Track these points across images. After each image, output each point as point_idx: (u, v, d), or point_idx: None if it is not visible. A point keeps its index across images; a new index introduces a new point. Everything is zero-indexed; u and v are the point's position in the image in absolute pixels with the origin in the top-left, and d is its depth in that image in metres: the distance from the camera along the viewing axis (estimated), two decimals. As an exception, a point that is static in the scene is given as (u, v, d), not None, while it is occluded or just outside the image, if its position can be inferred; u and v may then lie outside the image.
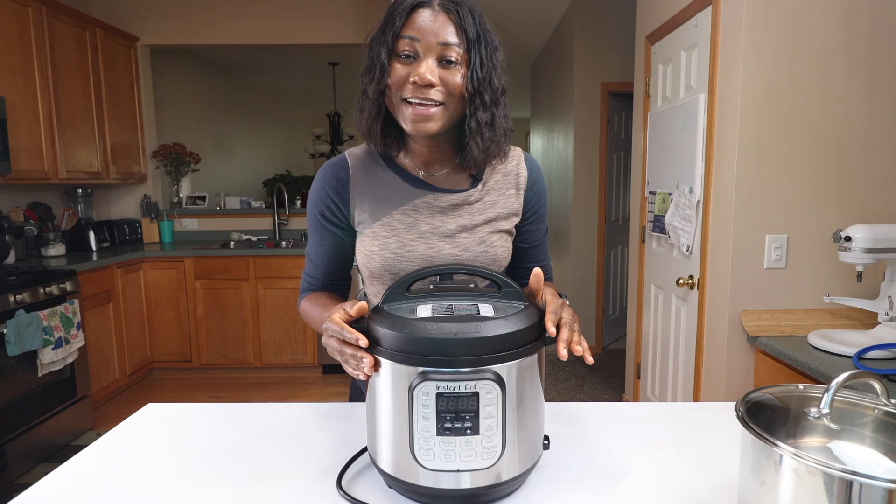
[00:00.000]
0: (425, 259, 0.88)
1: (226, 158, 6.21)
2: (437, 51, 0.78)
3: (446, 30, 0.78)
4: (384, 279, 0.90)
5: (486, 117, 0.82)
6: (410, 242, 0.88)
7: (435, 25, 0.78)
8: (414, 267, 0.87)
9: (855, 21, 1.80)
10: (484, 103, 0.81)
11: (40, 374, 2.50)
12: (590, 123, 3.98)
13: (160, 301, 3.67)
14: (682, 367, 2.34)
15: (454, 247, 0.89)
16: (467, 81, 0.80)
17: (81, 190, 3.72)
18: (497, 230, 0.91)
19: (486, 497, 0.66)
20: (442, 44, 0.78)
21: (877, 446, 0.57)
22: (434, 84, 0.78)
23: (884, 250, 1.56)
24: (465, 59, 0.80)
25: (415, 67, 0.78)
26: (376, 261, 0.88)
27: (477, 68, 0.79)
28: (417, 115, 0.79)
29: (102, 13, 3.93)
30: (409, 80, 0.79)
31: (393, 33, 0.79)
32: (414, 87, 0.78)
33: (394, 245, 0.88)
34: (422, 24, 0.78)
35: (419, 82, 0.78)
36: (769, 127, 1.85)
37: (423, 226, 0.89)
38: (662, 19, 2.45)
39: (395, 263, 0.88)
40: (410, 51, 0.79)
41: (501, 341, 0.62)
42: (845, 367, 1.47)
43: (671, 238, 2.34)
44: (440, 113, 0.80)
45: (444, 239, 0.89)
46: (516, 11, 4.21)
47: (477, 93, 0.80)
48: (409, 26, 0.79)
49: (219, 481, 0.73)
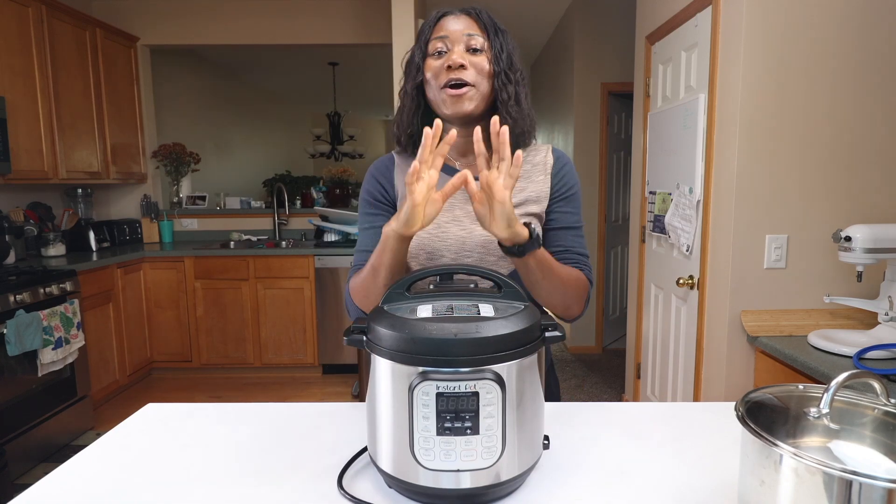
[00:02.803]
0: (457, 240, 0.96)
1: (226, 158, 6.21)
2: (463, 41, 0.92)
3: (469, 25, 0.93)
4: (420, 258, 0.97)
5: (513, 91, 0.93)
6: (445, 224, 0.96)
7: (458, 24, 0.93)
8: (447, 247, 0.96)
9: (855, 21, 1.80)
10: (510, 79, 0.93)
11: (40, 374, 2.50)
12: (590, 123, 3.98)
13: (160, 301, 3.67)
14: (682, 367, 2.34)
15: None
16: (493, 63, 0.93)
17: (81, 190, 3.72)
18: (527, 213, 0.97)
19: (486, 497, 0.66)
20: (467, 35, 0.92)
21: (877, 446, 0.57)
22: (464, 66, 0.90)
23: (884, 250, 1.56)
24: (488, 45, 0.93)
25: (447, 56, 0.92)
26: (413, 241, 0.95)
27: (499, 52, 0.93)
28: (453, 96, 0.91)
29: (102, 13, 3.93)
30: (443, 68, 0.91)
31: (425, 40, 0.95)
32: (448, 72, 0.91)
33: (430, 226, 0.94)
34: (447, 26, 0.94)
35: (452, 65, 0.90)
36: (769, 127, 1.85)
37: (457, 210, 0.97)
38: (662, 19, 2.45)
39: (429, 243, 0.96)
40: (441, 47, 0.93)
41: (501, 341, 0.62)
42: (845, 367, 1.47)
43: (671, 238, 2.34)
44: (473, 92, 0.92)
45: (475, 222, 0.95)
46: (516, 11, 4.21)
47: (503, 71, 0.93)
48: (437, 30, 0.94)
49: (219, 481, 0.73)
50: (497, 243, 0.86)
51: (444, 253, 0.95)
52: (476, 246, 0.95)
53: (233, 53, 5.58)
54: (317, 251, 3.61)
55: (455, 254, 0.95)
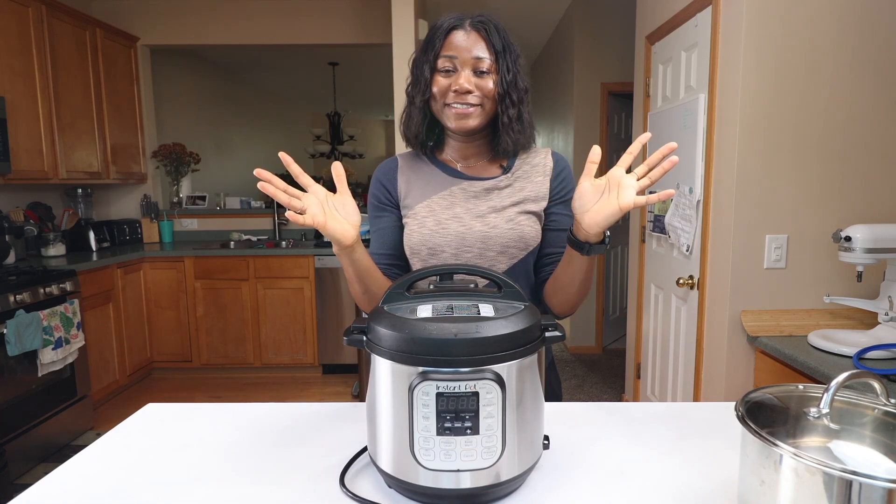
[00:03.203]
0: (457, 235, 0.99)
1: (226, 158, 6.21)
2: (471, 64, 0.95)
3: (478, 46, 0.95)
4: (422, 254, 1.01)
5: (515, 113, 0.98)
6: (445, 221, 1.01)
7: (468, 43, 0.95)
8: (447, 242, 0.99)
9: (855, 21, 1.80)
10: (512, 102, 0.97)
11: (40, 374, 2.50)
12: (590, 123, 3.98)
13: (160, 301, 3.67)
14: (682, 367, 2.34)
15: (484, 224, 1.00)
16: (498, 85, 0.96)
17: (81, 190, 3.72)
18: (525, 211, 1.01)
19: (485, 497, 0.66)
20: (475, 58, 0.95)
21: (877, 446, 0.57)
22: (471, 91, 0.95)
23: (884, 250, 1.56)
24: (495, 67, 0.96)
25: (454, 79, 0.95)
26: (415, 237, 1.01)
27: (505, 74, 0.96)
28: (459, 114, 0.96)
29: (102, 13, 3.93)
30: (450, 89, 0.96)
31: (434, 53, 0.97)
32: (455, 95, 0.95)
33: (431, 223, 1.00)
34: (457, 44, 0.95)
35: (459, 90, 0.95)
36: (769, 127, 1.85)
37: (457, 208, 1.02)
38: (662, 19, 2.45)
39: (430, 238, 1.00)
40: (450, 66, 0.96)
41: (501, 341, 0.62)
42: (845, 367, 1.47)
43: (671, 238, 2.34)
44: (478, 112, 0.97)
45: (475, 218, 1.00)
46: (516, 11, 4.21)
47: (507, 94, 0.97)
48: (447, 46, 0.96)
49: (219, 481, 0.73)
50: (568, 234, 0.88)
51: (444, 248, 1.00)
52: (476, 241, 0.99)
53: (233, 53, 5.58)
54: (317, 251, 3.61)
55: (455, 249, 0.99)
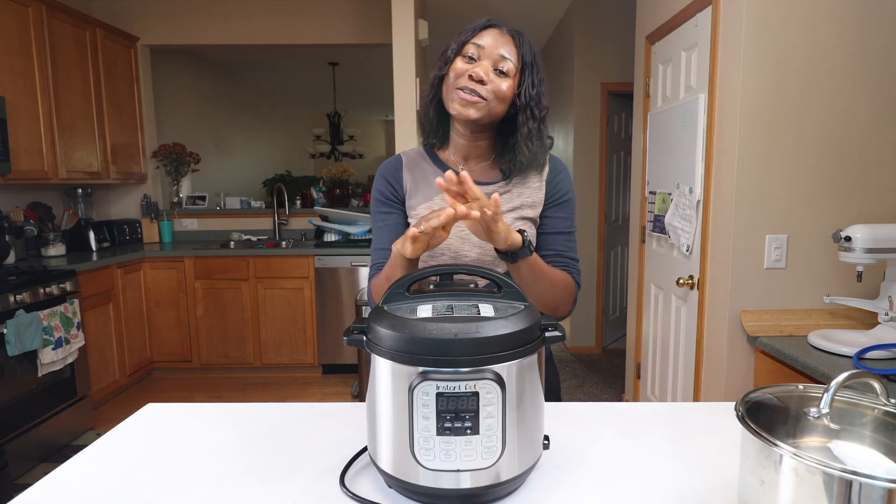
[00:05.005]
0: (457, 238, 1.01)
1: (226, 158, 6.21)
2: (494, 59, 0.96)
3: (506, 47, 0.96)
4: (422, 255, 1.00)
5: (535, 127, 0.99)
6: None
7: (498, 42, 0.97)
8: (447, 244, 1.00)
9: (855, 21, 1.80)
10: (534, 116, 0.98)
11: (40, 374, 2.50)
12: (590, 123, 3.98)
13: (160, 301, 3.67)
14: (682, 367, 2.34)
15: None
16: (521, 97, 0.97)
17: (81, 190, 3.72)
18: (522, 217, 1.03)
19: (485, 497, 0.66)
20: (500, 55, 0.96)
21: (877, 446, 0.57)
22: (485, 82, 0.94)
23: (884, 250, 1.56)
24: (516, 75, 0.97)
25: (473, 66, 0.96)
26: None
27: (529, 87, 0.97)
28: (464, 100, 0.95)
29: (102, 13, 3.93)
30: (466, 73, 0.96)
31: (463, 40, 0.98)
32: (468, 80, 0.95)
33: None
34: (488, 38, 0.97)
35: (474, 77, 0.95)
36: (769, 127, 1.85)
37: None
38: (662, 19, 2.45)
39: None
40: (474, 54, 0.96)
41: (501, 341, 0.62)
42: (845, 367, 1.47)
43: (671, 238, 2.34)
44: (482, 105, 0.96)
45: None
46: (516, 11, 4.21)
47: (528, 107, 0.98)
48: (478, 37, 0.97)
49: (219, 481, 0.73)
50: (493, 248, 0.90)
51: (444, 251, 1.01)
52: (474, 245, 1.00)
53: (233, 53, 5.57)
54: (317, 251, 3.61)
55: (455, 252, 1.00)
